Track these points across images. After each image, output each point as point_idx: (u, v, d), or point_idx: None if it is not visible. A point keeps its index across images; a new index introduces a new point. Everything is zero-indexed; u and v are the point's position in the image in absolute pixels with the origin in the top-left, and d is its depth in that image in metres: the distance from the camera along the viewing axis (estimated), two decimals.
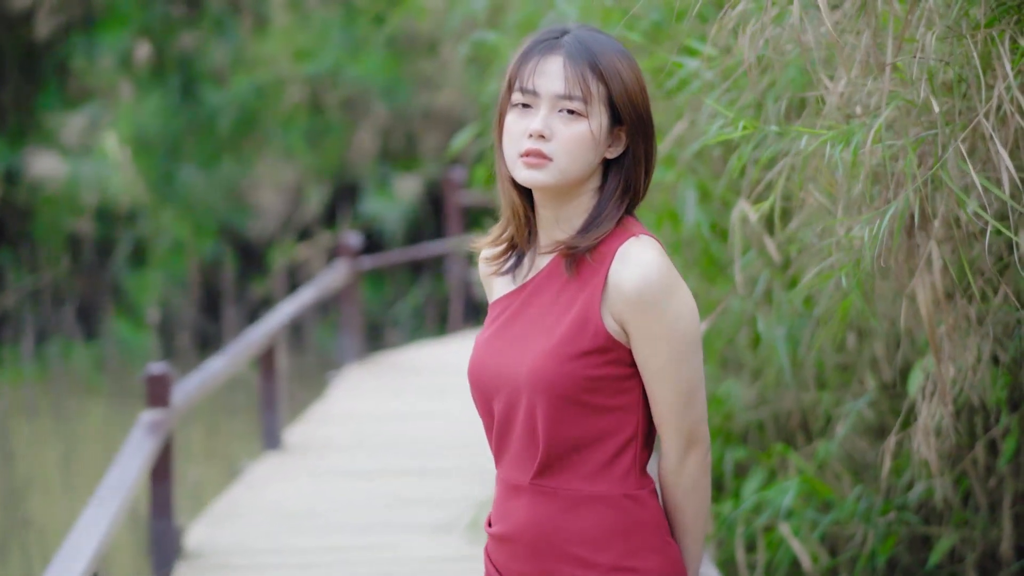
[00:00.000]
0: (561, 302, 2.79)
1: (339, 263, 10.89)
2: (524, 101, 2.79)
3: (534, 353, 2.77)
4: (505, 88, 2.83)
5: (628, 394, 2.76)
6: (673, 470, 2.78)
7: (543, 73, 2.77)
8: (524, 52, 2.81)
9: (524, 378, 2.77)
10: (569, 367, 2.74)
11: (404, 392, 9.93)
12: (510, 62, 2.84)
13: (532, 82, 2.78)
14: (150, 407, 6.32)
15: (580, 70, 2.76)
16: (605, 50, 2.77)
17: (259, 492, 7.40)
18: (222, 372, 7.31)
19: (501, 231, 2.90)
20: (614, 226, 2.79)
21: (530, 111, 2.79)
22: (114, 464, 5.68)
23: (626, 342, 2.75)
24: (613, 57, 2.77)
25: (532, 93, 2.78)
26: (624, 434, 2.77)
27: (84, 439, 12.69)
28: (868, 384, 5.31)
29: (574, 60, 2.77)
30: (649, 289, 2.73)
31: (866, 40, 3.76)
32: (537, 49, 2.80)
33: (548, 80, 2.77)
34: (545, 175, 2.77)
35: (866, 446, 5.46)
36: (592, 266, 2.77)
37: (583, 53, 2.77)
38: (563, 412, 2.75)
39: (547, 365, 2.74)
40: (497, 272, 2.90)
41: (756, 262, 5.28)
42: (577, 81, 2.76)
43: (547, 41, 2.81)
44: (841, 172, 3.70)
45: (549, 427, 2.76)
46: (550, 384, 2.74)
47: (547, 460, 2.77)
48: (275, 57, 17.27)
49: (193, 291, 17.67)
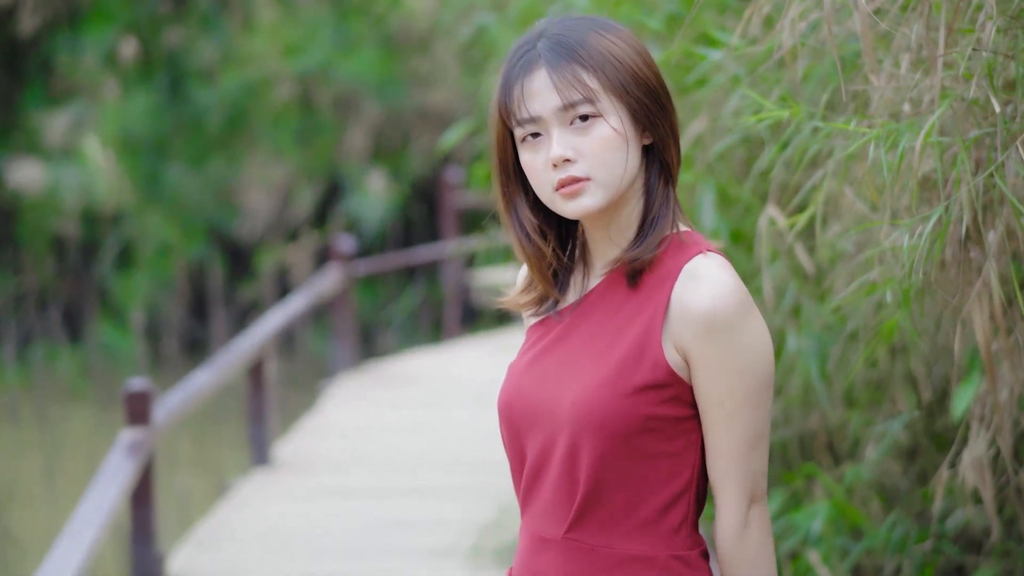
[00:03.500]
0: (615, 324, 2.41)
1: (331, 268, 10.51)
2: (529, 132, 2.43)
3: (582, 383, 2.38)
4: (498, 129, 2.46)
5: (684, 437, 2.39)
6: (735, 533, 2.38)
7: (532, 95, 2.41)
8: (503, 83, 2.45)
9: (567, 413, 2.38)
10: (624, 403, 2.35)
11: (398, 404, 9.56)
12: (494, 93, 2.47)
13: (525, 109, 2.41)
14: (130, 425, 5.97)
15: (568, 71, 2.40)
16: (585, 36, 2.42)
17: (246, 513, 7.04)
18: (207, 387, 6.94)
19: (527, 283, 2.54)
20: (671, 223, 2.43)
21: (541, 140, 2.42)
22: (90, 489, 5.36)
23: (687, 377, 2.38)
24: (596, 39, 2.42)
25: (532, 120, 2.42)
26: (676, 485, 2.39)
27: (67, 447, 12.48)
28: (901, 403, 4.99)
29: (557, 64, 2.41)
30: (722, 313, 2.35)
31: (917, 30, 3.40)
32: (515, 73, 2.43)
33: (541, 98, 2.41)
34: (591, 198, 2.41)
35: (898, 470, 5.15)
36: (653, 284, 2.41)
37: (563, 52, 2.41)
38: (611, 455, 2.36)
39: (597, 399, 2.36)
40: (539, 312, 2.53)
41: (783, 272, 4.95)
42: (570, 83, 2.40)
43: (522, 59, 2.44)
44: (887, 176, 3.33)
45: (592, 473, 2.37)
46: (600, 422, 2.35)
47: (584, 511, 2.39)
48: (264, 54, 16.98)
49: (180, 294, 17.37)
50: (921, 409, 4.90)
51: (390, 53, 17.05)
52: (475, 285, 13.48)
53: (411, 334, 16.90)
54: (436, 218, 16.70)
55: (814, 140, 3.71)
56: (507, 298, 2.55)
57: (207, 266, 17.43)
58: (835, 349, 5.04)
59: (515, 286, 2.56)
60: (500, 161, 2.48)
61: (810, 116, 3.76)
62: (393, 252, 16.93)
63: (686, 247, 2.42)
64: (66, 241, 17.34)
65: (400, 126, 17.43)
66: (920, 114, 3.41)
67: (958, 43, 3.33)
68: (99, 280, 17.35)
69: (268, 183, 17.22)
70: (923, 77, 3.36)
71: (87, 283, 17.44)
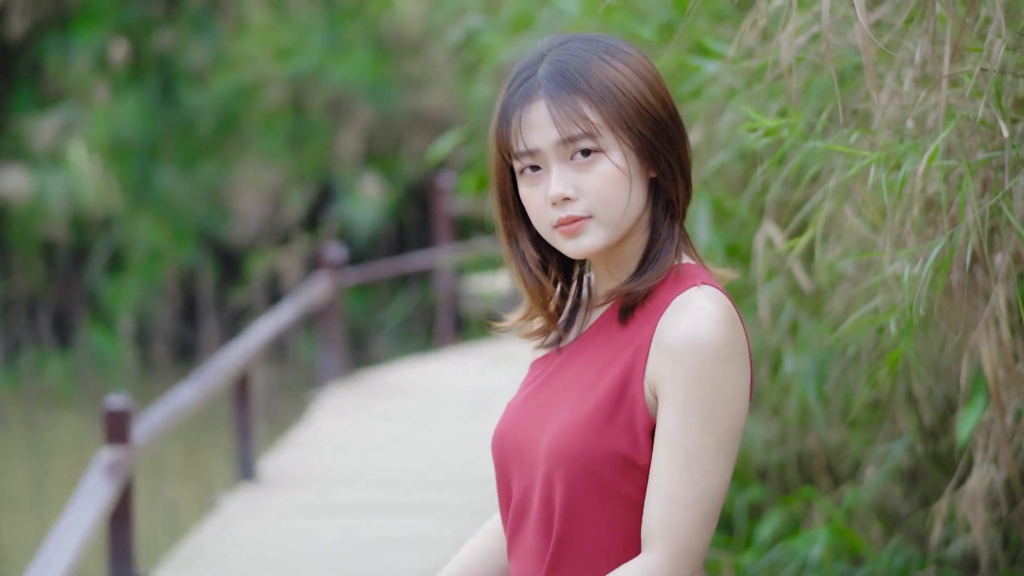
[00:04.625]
0: (602, 360, 2.28)
1: (320, 277, 10.32)
2: (527, 164, 2.29)
3: (559, 422, 2.26)
4: (496, 160, 2.33)
5: None
6: None
7: (530, 127, 2.27)
8: (501, 111, 2.30)
9: (543, 452, 2.26)
10: (597, 442, 2.22)
11: (388, 416, 9.37)
12: (492, 121, 2.33)
13: (523, 142, 2.27)
14: (109, 444, 5.80)
15: (568, 104, 2.25)
16: (588, 64, 2.26)
17: (230, 531, 6.87)
18: (191, 403, 6.76)
19: (526, 312, 2.41)
20: (673, 259, 2.29)
21: (540, 174, 2.29)
22: (67, 511, 5.20)
23: None
24: (600, 68, 2.26)
25: (529, 154, 2.28)
26: None
27: (55, 454, 12.33)
28: (902, 424, 4.85)
29: (557, 96, 2.26)
30: (699, 343, 2.20)
31: (922, 46, 3.25)
32: (513, 102, 2.29)
33: (539, 132, 2.27)
34: (592, 238, 2.27)
35: (899, 493, 5.00)
36: (643, 319, 2.28)
37: (564, 81, 2.26)
38: (582, 497, 2.23)
39: (570, 438, 2.23)
40: (545, 345, 2.41)
41: (781, 289, 4.81)
42: (570, 117, 2.25)
43: (521, 87, 2.29)
44: (888, 199, 3.17)
45: (564, 515, 2.24)
46: (570, 461, 2.22)
47: (559, 555, 2.25)
48: (256, 57, 16.81)
49: (171, 299, 17.21)
50: (923, 431, 4.77)
51: (383, 56, 16.89)
52: (468, 293, 13.32)
53: (405, 340, 16.74)
54: (429, 223, 16.56)
55: (813, 158, 3.56)
56: (507, 324, 2.43)
57: (198, 271, 17.27)
58: (834, 369, 4.89)
59: (516, 311, 2.44)
60: (499, 192, 2.35)
61: (809, 131, 3.61)
62: (386, 258, 16.79)
63: (683, 279, 2.29)
64: (56, 246, 17.17)
65: (393, 130, 17.27)
66: (925, 134, 3.27)
67: (964, 60, 3.18)
68: (89, 285, 17.19)
69: (260, 187, 17.07)
70: (928, 95, 3.21)
71: (77, 288, 17.27)
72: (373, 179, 17.08)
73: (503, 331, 2.45)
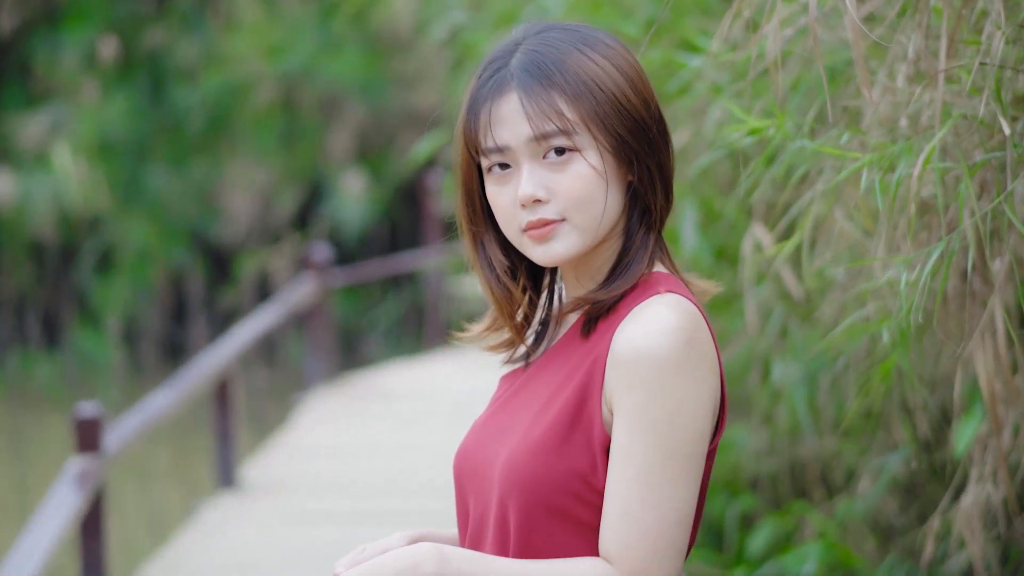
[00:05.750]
0: (562, 376, 2.13)
1: (307, 278, 10.09)
2: (496, 162, 2.11)
3: (513, 443, 2.11)
4: (463, 155, 2.15)
5: None
6: None
7: (501, 121, 2.10)
8: (469, 103, 2.13)
9: (497, 475, 2.11)
10: (550, 465, 2.07)
11: (374, 421, 9.17)
12: (460, 113, 2.15)
13: (492, 137, 2.10)
14: (80, 452, 5.63)
15: (543, 97, 2.08)
16: (565, 56, 2.09)
17: (209, 541, 6.68)
18: (166, 410, 6.57)
19: (491, 322, 2.25)
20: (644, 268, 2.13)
21: (509, 172, 2.11)
22: (32, 523, 5.02)
23: None
24: (578, 60, 2.09)
25: (499, 150, 2.10)
26: None
27: (41, 457, 12.21)
28: (897, 434, 4.69)
29: (531, 87, 2.08)
30: (651, 352, 2.03)
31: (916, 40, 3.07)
32: (483, 94, 2.11)
33: (511, 127, 2.09)
34: (564, 243, 2.11)
35: (895, 506, 4.84)
36: (603, 331, 2.11)
37: (539, 73, 2.09)
38: (539, 524, 2.08)
39: (523, 460, 2.08)
40: (513, 360, 2.26)
41: (770, 294, 4.63)
42: (544, 113, 2.08)
43: (492, 78, 2.11)
44: (882, 202, 2.99)
45: (520, 542, 2.10)
46: (523, 485, 2.07)
47: None
48: (247, 55, 16.63)
49: (161, 299, 17.02)
50: (918, 442, 4.60)
51: (374, 54, 16.70)
52: (457, 294, 13.12)
53: (395, 341, 16.56)
54: (418, 222, 16.38)
55: (801, 158, 3.38)
56: (469, 335, 2.28)
57: (188, 271, 17.09)
58: (825, 377, 4.73)
59: (480, 321, 2.29)
60: (465, 191, 2.18)
61: (797, 130, 3.43)
62: (378, 257, 16.60)
63: (649, 287, 2.12)
64: (44, 246, 17.00)
65: (385, 128, 17.09)
66: (919, 133, 3.09)
67: (960, 55, 3.01)
68: (78, 286, 17.02)
69: (250, 186, 16.89)
70: (923, 91, 3.03)
71: (65, 289, 17.10)
72: (356, 177, 16.86)
73: (466, 342, 2.29)
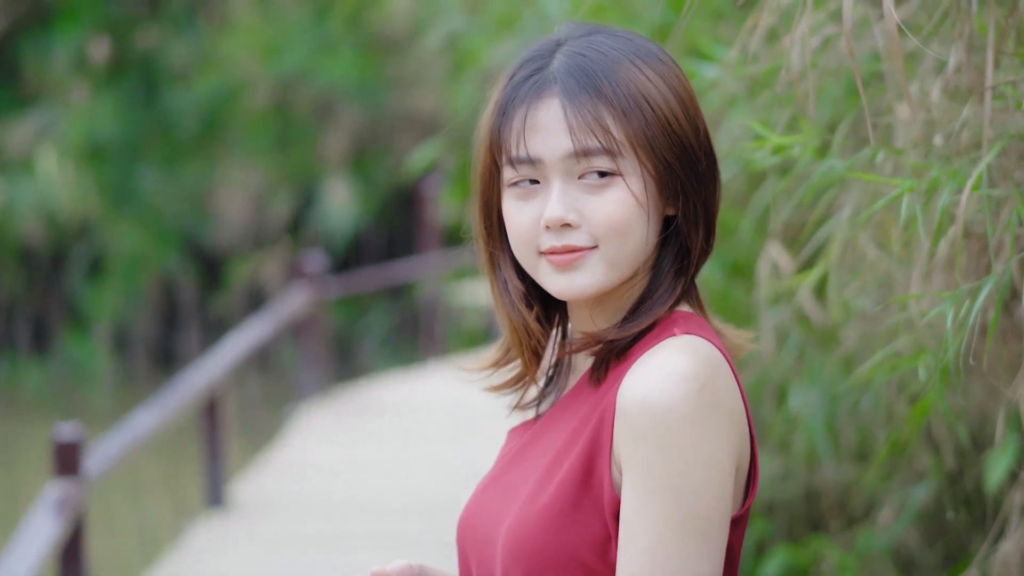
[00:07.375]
0: (570, 430, 1.87)
1: (299, 288, 9.77)
2: (523, 177, 1.85)
3: (518, 508, 1.87)
4: (485, 161, 1.88)
5: None
6: None
7: (537, 129, 1.82)
8: (502, 103, 1.85)
9: (500, 546, 1.87)
10: (558, 534, 1.82)
11: (368, 437, 8.89)
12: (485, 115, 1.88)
13: (525, 147, 1.83)
14: (58, 476, 5.39)
15: (589, 108, 1.81)
16: (616, 64, 1.83)
17: (196, 564, 6.42)
18: (150, 431, 6.30)
19: (503, 354, 1.99)
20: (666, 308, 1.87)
21: (536, 189, 1.84)
22: (6, 551, 4.78)
23: None
24: (629, 72, 1.83)
25: (530, 162, 1.83)
26: None
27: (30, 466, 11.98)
28: (920, 462, 4.44)
29: (576, 96, 1.81)
30: (657, 405, 1.77)
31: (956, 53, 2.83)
32: (520, 95, 1.83)
33: (548, 138, 1.82)
34: (589, 277, 1.84)
35: (918, 538, 4.59)
36: (615, 376, 1.86)
37: (587, 80, 1.82)
38: None
39: (526, 532, 1.84)
40: (522, 405, 2.01)
41: (787, 315, 4.38)
42: (588, 126, 1.81)
43: (532, 79, 1.83)
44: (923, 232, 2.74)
45: None
46: (527, 559, 1.83)
47: None
48: (241, 56, 16.39)
49: (152, 306, 16.77)
50: (943, 472, 4.35)
51: (370, 56, 16.46)
52: (454, 303, 12.87)
53: (391, 349, 16.31)
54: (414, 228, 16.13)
55: (829, 180, 3.13)
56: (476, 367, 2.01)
57: (179, 277, 16.84)
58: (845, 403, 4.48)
59: (489, 353, 2.03)
60: (483, 202, 1.92)
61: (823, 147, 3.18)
62: (374, 264, 16.35)
63: (666, 328, 1.86)
64: (33, 252, 16.75)
65: (380, 132, 16.83)
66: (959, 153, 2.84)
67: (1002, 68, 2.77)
68: (68, 292, 16.76)
69: (244, 190, 16.64)
70: (964, 107, 2.78)
71: (55, 295, 16.84)
72: (341, 184, 16.56)
73: (471, 378, 2.02)
